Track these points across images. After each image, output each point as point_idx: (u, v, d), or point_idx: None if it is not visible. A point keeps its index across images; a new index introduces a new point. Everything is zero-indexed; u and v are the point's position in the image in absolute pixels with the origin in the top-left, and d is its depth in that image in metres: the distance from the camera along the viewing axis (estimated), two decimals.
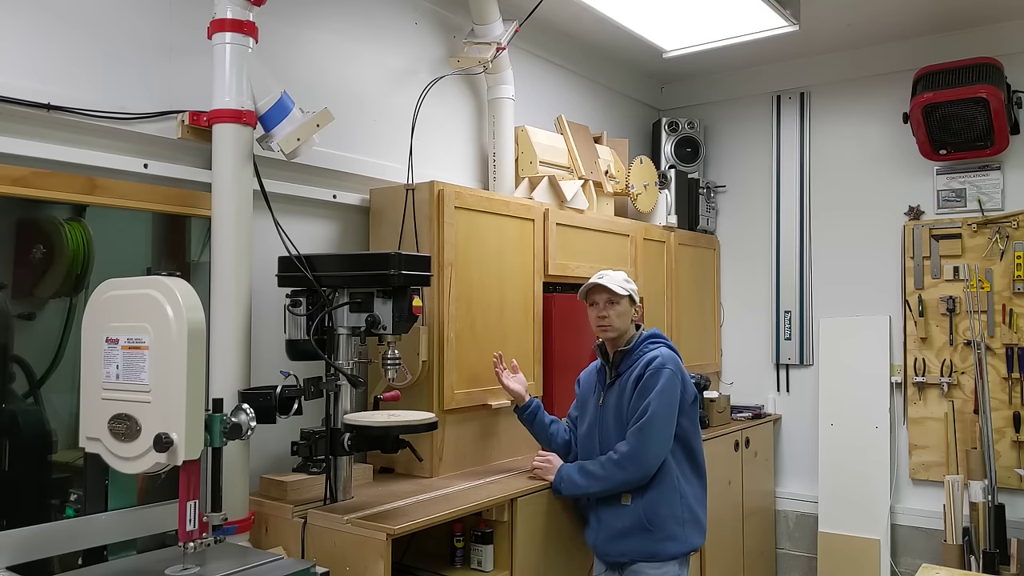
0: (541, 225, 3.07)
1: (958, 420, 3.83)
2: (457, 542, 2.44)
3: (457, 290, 2.67)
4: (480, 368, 2.75)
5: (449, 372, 2.63)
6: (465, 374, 2.70)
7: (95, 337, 1.70)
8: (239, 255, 2.13)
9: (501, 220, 2.89)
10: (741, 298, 4.54)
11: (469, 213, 2.73)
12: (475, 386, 2.73)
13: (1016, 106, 3.70)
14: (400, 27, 3.05)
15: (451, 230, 2.65)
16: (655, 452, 2.39)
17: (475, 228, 2.77)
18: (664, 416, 2.40)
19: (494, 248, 2.85)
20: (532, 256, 3.03)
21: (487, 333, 2.81)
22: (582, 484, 2.44)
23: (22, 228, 2.01)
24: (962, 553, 3.61)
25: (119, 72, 2.17)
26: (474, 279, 2.75)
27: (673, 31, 3.40)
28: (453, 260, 2.65)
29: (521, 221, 2.99)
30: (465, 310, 2.71)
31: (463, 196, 2.72)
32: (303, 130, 2.22)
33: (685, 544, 2.42)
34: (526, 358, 2.96)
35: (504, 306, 2.89)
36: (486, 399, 2.76)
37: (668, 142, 4.43)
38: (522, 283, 2.98)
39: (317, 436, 2.18)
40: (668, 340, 2.60)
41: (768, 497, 4.29)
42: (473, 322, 2.75)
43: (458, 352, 2.67)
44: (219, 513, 1.67)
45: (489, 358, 2.75)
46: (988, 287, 3.79)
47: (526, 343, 2.99)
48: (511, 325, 2.92)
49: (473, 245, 2.76)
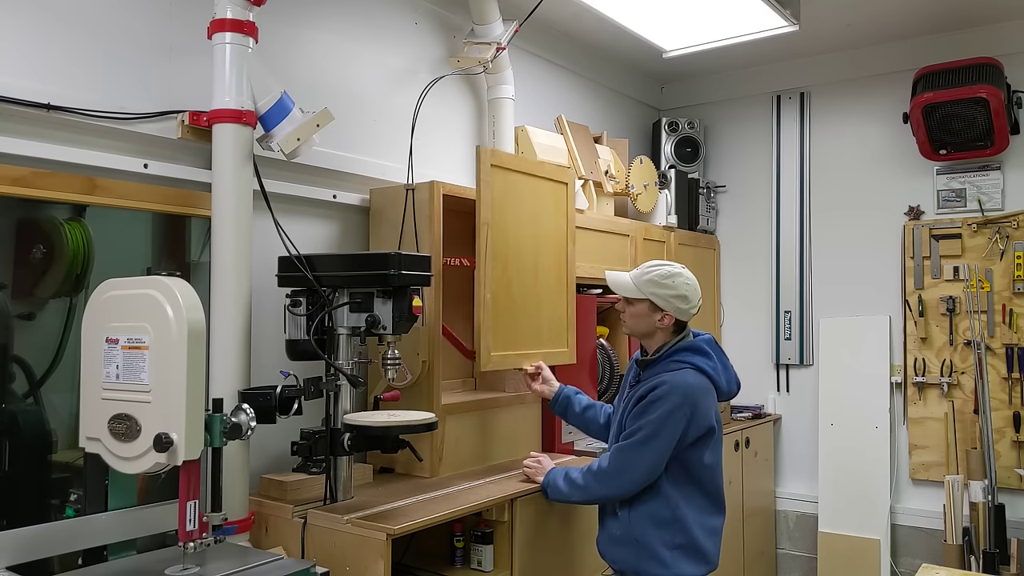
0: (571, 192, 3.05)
1: (958, 420, 3.83)
2: (457, 542, 2.44)
3: (494, 250, 2.62)
4: (515, 332, 2.72)
5: (486, 334, 2.57)
6: (501, 338, 2.65)
7: (95, 337, 1.70)
8: (239, 255, 2.13)
9: (536, 182, 2.85)
10: (741, 298, 4.54)
11: (505, 173, 2.69)
12: (511, 349, 2.69)
13: (1016, 106, 3.70)
14: (400, 27, 3.05)
15: (488, 189, 2.60)
16: (632, 477, 2.24)
17: (511, 189, 2.72)
18: (650, 446, 2.22)
19: (529, 210, 2.81)
20: (565, 219, 3.00)
21: (523, 296, 2.77)
22: (565, 491, 2.38)
23: (22, 228, 2.01)
24: (962, 553, 3.61)
25: (119, 72, 2.17)
26: (510, 241, 2.71)
27: (673, 31, 3.40)
28: (490, 220, 2.60)
29: (555, 184, 2.95)
30: (501, 271, 2.66)
31: (499, 155, 2.70)
32: (303, 130, 2.22)
33: (670, 570, 2.23)
34: (559, 323, 2.94)
35: (539, 269, 2.85)
36: (520, 363, 2.72)
37: (668, 142, 4.43)
38: (556, 246, 2.95)
39: (317, 436, 2.18)
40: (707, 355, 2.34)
41: (768, 497, 4.29)
42: (509, 284, 2.70)
43: (494, 314, 2.61)
44: (219, 513, 1.67)
45: (526, 320, 2.72)
46: (988, 287, 3.79)
47: (559, 307, 2.96)
48: (545, 289, 2.89)
49: (509, 206, 2.71)
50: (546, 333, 2.89)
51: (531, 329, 2.80)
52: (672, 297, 2.31)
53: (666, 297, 2.30)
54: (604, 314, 3.57)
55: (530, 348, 2.75)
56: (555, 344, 2.92)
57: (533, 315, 2.81)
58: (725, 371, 2.41)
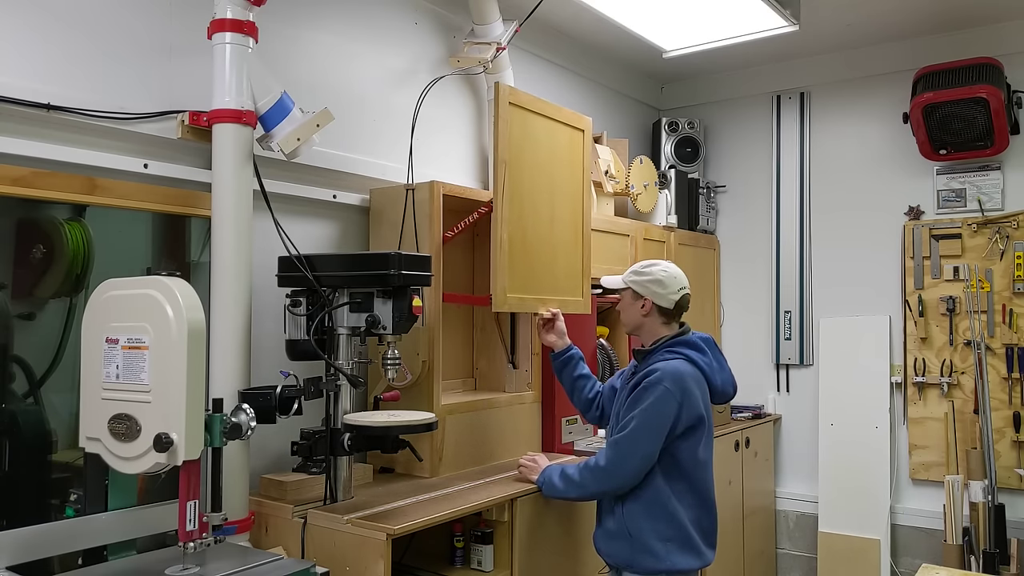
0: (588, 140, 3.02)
1: (958, 420, 3.83)
2: (457, 542, 2.44)
3: (510, 191, 2.60)
4: (532, 277, 2.71)
5: (501, 275, 2.56)
6: (518, 281, 2.64)
7: (95, 337, 1.70)
8: (239, 255, 2.13)
9: (553, 126, 2.83)
10: (741, 298, 4.54)
11: (523, 113, 2.67)
12: (527, 293, 2.69)
13: (1016, 106, 3.70)
14: (400, 27, 3.05)
15: (505, 126, 2.58)
16: (630, 468, 2.28)
17: (528, 131, 2.71)
18: (644, 433, 2.27)
19: (545, 156, 2.80)
20: (581, 170, 2.98)
21: (538, 243, 2.76)
22: (560, 488, 2.40)
23: (22, 228, 2.01)
24: (962, 553, 3.61)
25: (119, 72, 2.17)
26: (526, 187, 2.70)
27: (673, 31, 3.41)
28: (507, 159, 2.59)
29: (571, 130, 2.93)
30: (518, 216, 2.65)
31: (517, 94, 2.68)
32: (303, 130, 2.22)
33: (664, 562, 2.27)
34: (575, 273, 2.94)
35: (555, 221, 2.85)
36: (536, 307, 2.71)
37: (668, 142, 4.43)
38: (571, 199, 2.93)
39: (317, 436, 2.18)
40: (701, 351, 2.41)
41: (768, 497, 4.29)
42: (525, 231, 2.70)
43: (511, 256, 2.60)
44: (219, 513, 1.67)
45: (541, 269, 2.72)
46: (988, 287, 3.79)
47: (575, 259, 2.95)
48: (560, 240, 2.88)
49: (526, 150, 2.70)
50: (562, 282, 2.87)
51: (547, 276, 2.79)
52: (648, 282, 2.41)
53: (643, 283, 2.42)
54: (604, 314, 3.57)
55: (546, 294, 2.74)
56: (571, 293, 2.91)
57: (548, 263, 2.80)
58: (721, 371, 2.44)
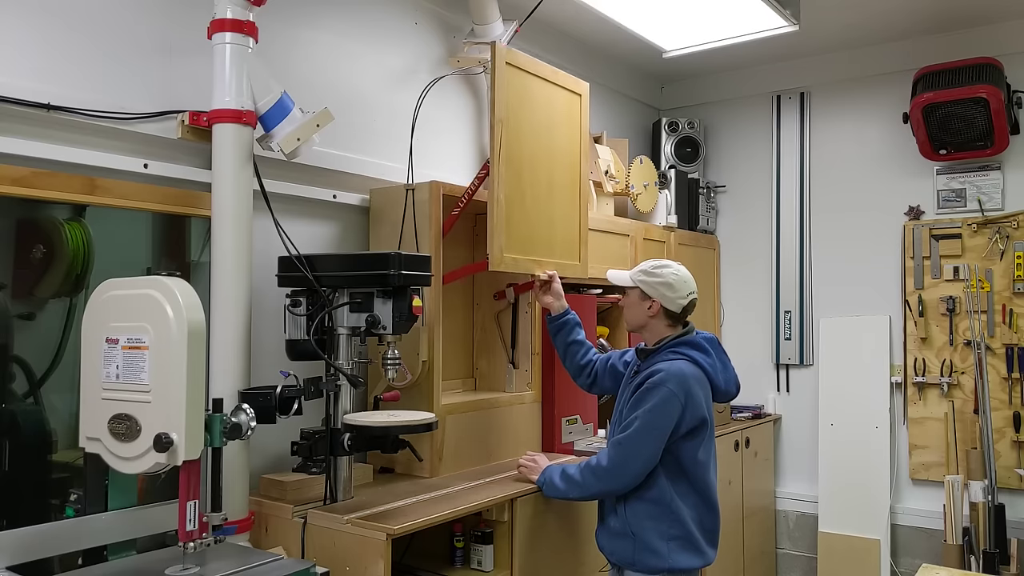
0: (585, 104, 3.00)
1: (958, 420, 3.83)
2: (457, 542, 2.44)
3: (507, 153, 2.58)
4: (529, 239, 2.69)
5: (498, 235, 2.53)
6: (515, 242, 2.62)
7: (95, 337, 1.70)
8: (239, 255, 2.13)
9: (550, 89, 2.81)
10: (741, 298, 4.54)
11: (520, 74, 2.65)
12: (523, 254, 2.67)
13: (1016, 106, 3.70)
14: (400, 27, 3.05)
15: (503, 85, 2.56)
16: (632, 468, 2.28)
17: (525, 93, 2.69)
18: (648, 434, 2.26)
19: (543, 119, 2.77)
20: (579, 134, 2.96)
21: (536, 207, 2.73)
22: (562, 488, 2.40)
23: (22, 228, 2.01)
24: (962, 553, 3.61)
25: (119, 72, 2.17)
26: (524, 149, 2.68)
27: (673, 31, 3.41)
28: (504, 118, 2.57)
29: (569, 94, 2.91)
30: (515, 177, 2.63)
31: (514, 55, 2.66)
32: (303, 130, 2.22)
33: (666, 561, 2.28)
34: (572, 238, 2.92)
35: (552, 185, 2.82)
36: (532, 268, 2.70)
37: (668, 142, 4.43)
38: (569, 166, 2.91)
39: (317, 436, 2.18)
40: (705, 352, 2.40)
41: (768, 497, 4.29)
42: (523, 193, 2.67)
43: (508, 216, 2.58)
44: (219, 513, 1.67)
45: (539, 231, 2.71)
46: (988, 287, 3.79)
47: (572, 224, 2.94)
48: (558, 204, 2.86)
49: (524, 111, 2.68)
50: (559, 246, 2.86)
51: (544, 239, 2.77)
52: (658, 284, 2.38)
53: (652, 284, 2.39)
54: (604, 314, 3.57)
55: (542, 256, 2.73)
56: (568, 257, 2.90)
57: (546, 226, 2.78)
58: (724, 371, 2.44)
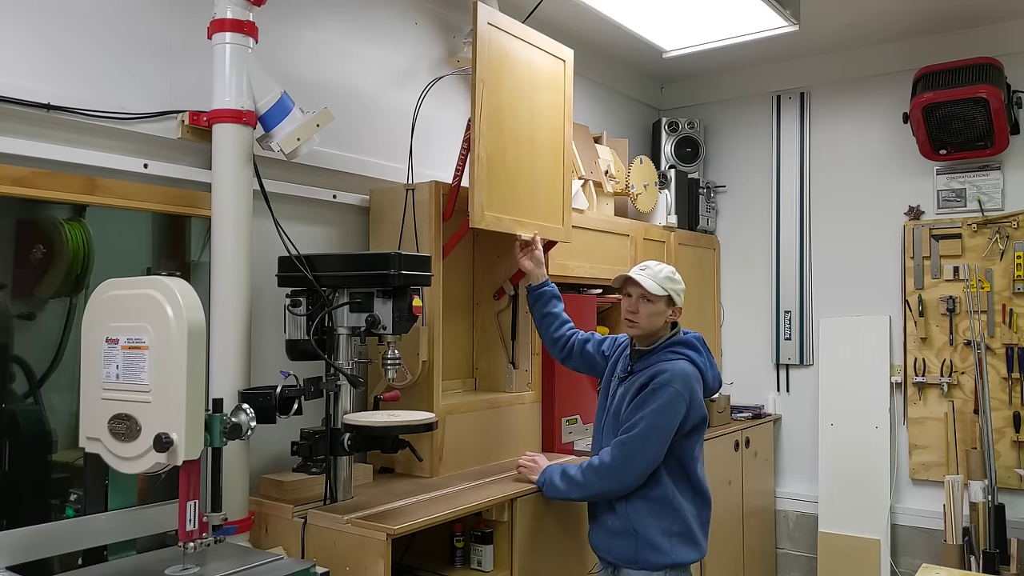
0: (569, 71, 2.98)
1: (958, 420, 3.83)
2: (457, 542, 2.44)
3: (488, 109, 2.57)
4: (511, 199, 2.68)
5: (479, 191, 2.53)
6: (496, 200, 2.61)
7: (95, 337, 1.70)
8: (239, 255, 2.13)
9: (533, 52, 2.80)
10: (741, 298, 4.54)
11: (503, 35, 2.64)
12: (505, 213, 2.65)
13: (1016, 106, 3.70)
14: (400, 27, 3.05)
15: (484, 45, 2.54)
16: (636, 468, 2.30)
17: (508, 55, 2.67)
18: (654, 435, 2.29)
19: (526, 80, 2.76)
20: (563, 99, 2.95)
21: (518, 166, 2.72)
22: (562, 489, 2.40)
23: (22, 228, 2.01)
24: (962, 553, 3.61)
25: (119, 72, 2.17)
26: (506, 109, 2.66)
27: (673, 31, 3.41)
28: (485, 77, 2.55)
29: (553, 59, 2.90)
30: (497, 136, 2.61)
31: (496, 16, 2.64)
32: (303, 130, 2.22)
33: (668, 557, 2.32)
34: (555, 202, 2.92)
35: (535, 148, 2.81)
36: (514, 228, 2.69)
37: (668, 142, 4.43)
38: (552, 126, 2.90)
39: (317, 436, 2.18)
40: (697, 351, 2.44)
41: (768, 497, 4.29)
42: (504, 151, 2.65)
43: (489, 173, 2.57)
44: (219, 513, 1.67)
45: (521, 191, 2.71)
46: (988, 287, 3.79)
47: (555, 189, 2.93)
48: (541, 166, 2.85)
49: (505, 72, 2.66)
50: (542, 208, 2.85)
51: (527, 200, 2.77)
52: (681, 291, 2.46)
53: (678, 292, 2.45)
54: (604, 314, 3.57)
55: (525, 217, 2.72)
56: (551, 220, 2.90)
57: (529, 190, 2.77)
58: (711, 368, 2.50)
